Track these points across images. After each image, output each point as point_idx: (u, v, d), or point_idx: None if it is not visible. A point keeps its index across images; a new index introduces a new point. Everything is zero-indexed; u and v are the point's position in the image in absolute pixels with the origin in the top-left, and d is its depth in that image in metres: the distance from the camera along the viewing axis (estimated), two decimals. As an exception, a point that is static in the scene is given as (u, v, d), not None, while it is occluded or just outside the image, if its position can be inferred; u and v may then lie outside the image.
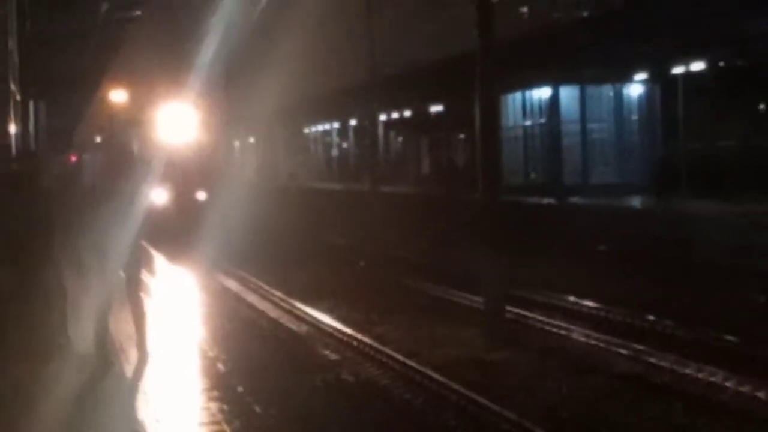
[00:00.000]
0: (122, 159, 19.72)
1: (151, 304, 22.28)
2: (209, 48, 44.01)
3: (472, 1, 26.68)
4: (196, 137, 41.95)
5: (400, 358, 20.41)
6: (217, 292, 29.53)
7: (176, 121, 41.61)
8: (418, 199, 51.71)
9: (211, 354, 20.46)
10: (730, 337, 21.43)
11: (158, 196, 37.63)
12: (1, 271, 16.44)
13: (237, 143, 65.72)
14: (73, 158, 33.28)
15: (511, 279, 26.32)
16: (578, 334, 23.36)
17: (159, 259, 33.94)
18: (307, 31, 50.45)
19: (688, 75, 44.58)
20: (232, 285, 30.70)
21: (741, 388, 17.80)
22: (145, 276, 19.03)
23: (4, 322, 16.16)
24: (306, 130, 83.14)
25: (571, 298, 27.38)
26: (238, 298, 28.73)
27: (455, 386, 18.05)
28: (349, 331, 23.40)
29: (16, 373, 15.18)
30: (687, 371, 19.30)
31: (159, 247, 34.22)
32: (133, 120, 50.74)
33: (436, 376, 18.81)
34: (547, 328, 24.34)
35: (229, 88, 47.28)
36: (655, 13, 38.73)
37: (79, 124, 48.31)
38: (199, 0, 49.87)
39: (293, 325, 25.34)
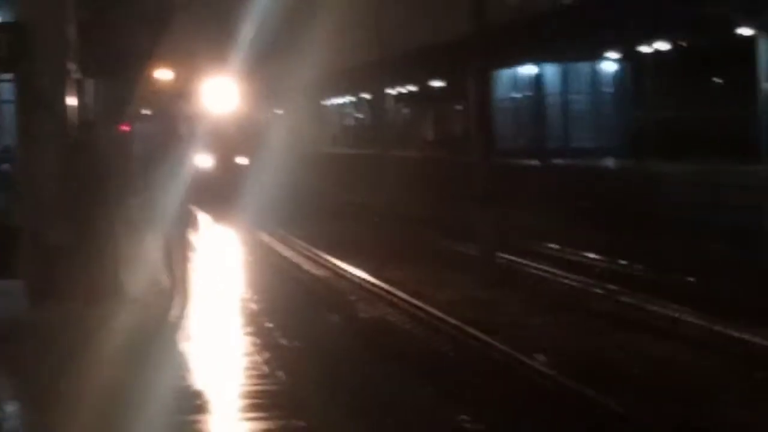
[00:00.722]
0: (168, 129, 19.70)
1: (195, 254, 22.30)
2: (250, 27, 43.29)
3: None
4: (238, 108, 41.41)
5: (406, 297, 20.44)
6: (251, 243, 29.46)
7: (219, 94, 41.12)
8: (423, 162, 51.58)
9: (245, 296, 20.46)
10: (690, 279, 21.42)
11: (204, 161, 37.62)
12: (62, 224, 16.45)
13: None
14: (126, 128, 33.26)
15: (502, 230, 26.28)
16: (560, 276, 23.37)
17: (203, 216, 33.65)
18: (329, 12, 49.94)
19: (655, 54, 44.51)
20: (265, 238, 30.61)
21: (700, 322, 17.79)
22: (190, 233, 18.99)
23: (65, 268, 16.17)
24: (326, 103, 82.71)
25: (554, 246, 27.40)
26: (269, 249, 28.69)
27: (453, 321, 18.09)
28: (363, 275, 23.43)
29: (74, 313, 15.18)
30: (654, 308, 19.30)
31: (203, 206, 33.99)
32: (177, 95, 50.32)
33: (436, 312, 18.85)
34: (533, 271, 24.37)
35: (267, 63, 46.83)
36: (626, 1, 38.59)
37: (132, 98, 48.34)
38: None
39: (317, 270, 25.37)
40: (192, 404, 10.68)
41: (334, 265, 25.52)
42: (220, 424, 10.03)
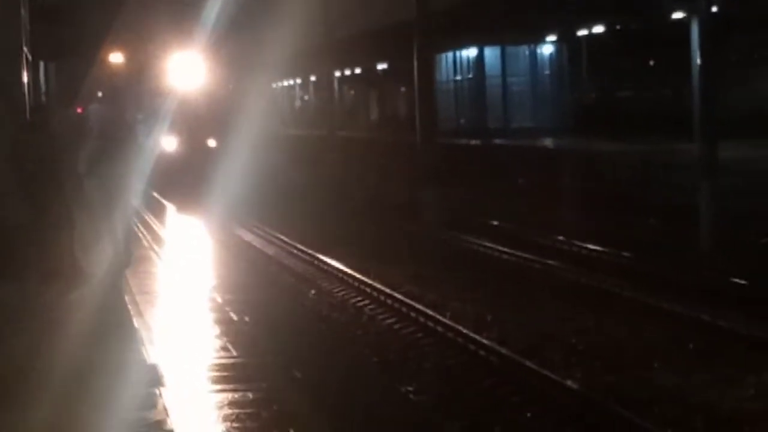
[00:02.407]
0: (117, 113, 19.61)
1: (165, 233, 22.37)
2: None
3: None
4: (205, 86, 39.06)
5: (355, 274, 20.55)
6: (218, 226, 29.18)
7: (184, 71, 38.73)
8: (368, 143, 51.60)
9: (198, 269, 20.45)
10: (625, 253, 21.64)
11: (168, 143, 36.63)
12: (18, 204, 16.43)
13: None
14: (80, 110, 32.54)
15: (445, 207, 26.46)
16: (500, 251, 23.55)
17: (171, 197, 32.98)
18: None
19: (591, 37, 44.75)
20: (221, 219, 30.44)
21: (635, 294, 18.03)
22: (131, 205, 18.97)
23: (21, 248, 16.16)
24: (275, 85, 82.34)
25: (495, 222, 27.55)
26: (231, 229, 28.55)
27: (398, 296, 18.24)
28: (312, 252, 23.56)
29: (32, 289, 15.19)
30: (590, 281, 19.54)
31: (168, 190, 33.26)
32: (130, 77, 49.46)
33: (383, 288, 18.97)
34: (475, 247, 24.54)
35: (237, 39, 45.43)
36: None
37: (85, 81, 47.68)
38: None
39: (269, 249, 25.49)
40: (150, 377, 10.73)
41: (282, 240, 25.71)
42: (180, 395, 10.08)
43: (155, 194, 31.63)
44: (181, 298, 16.45)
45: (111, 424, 8.93)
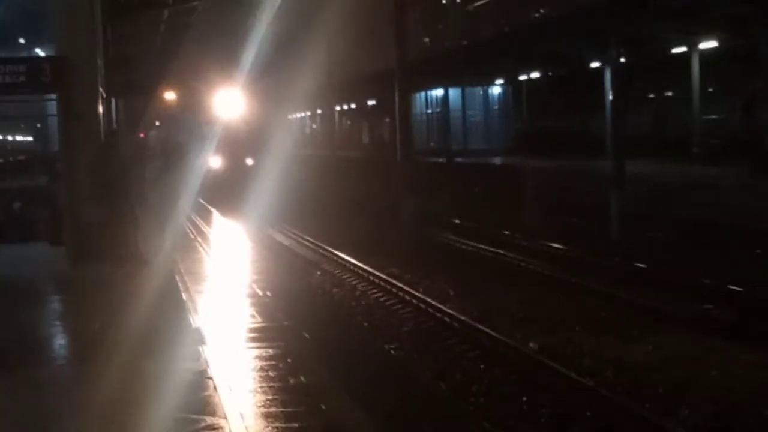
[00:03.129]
0: (171, 137, 19.67)
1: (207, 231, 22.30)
2: (251, 46, 41.11)
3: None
4: (244, 116, 38.07)
5: (350, 259, 20.60)
6: (249, 225, 29.05)
7: (227, 104, 37.85)
8: (360, 161, 51.60)
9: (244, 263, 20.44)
10: (556, 244, 21.70)
11: (215, 162, 36.51)
12: (94, 206, 16.44)
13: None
14: (142, 135, 32.25)
15: (419, 209, 26.49)
16: (461, 243, 23.60)
17: (214, 203, 32.71)
18: (296, 47, 49.22)
19: (529, 80, 44.89)
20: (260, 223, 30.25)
21: (564, 275, 18.08)
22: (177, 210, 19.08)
23: (97, 239, 16.18)
24: (291, 116, 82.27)
25: (457, 221, 27.58)
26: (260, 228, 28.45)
27: (383, 276, 18.31)
28: (317, 243, 23.62)
29: (107, 270, 15.21)
30: (529, 265, 19.59)
31: (214, 199, 33.08)
32: (181, 109, 49.30)
33: (371, 270, 19.01)
34: (441, 240, 24.59)
35: (266, 79, 44.95)
36: (507, 43, 38.89)
37: (145, 113, 47.49)
38: (245, 6, 46.52)
39: (284, 238, 25.44)
40: (194, 337, 10.75)
41: (298, 235, 25.74)
42: (217, 350, 10.10)
43: (203, 202, 31.62)
44: (219, 278, 16.48)
45: (166, 372, 8.97)
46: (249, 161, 36.47)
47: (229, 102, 37.15)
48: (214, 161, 36.05)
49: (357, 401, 8.72)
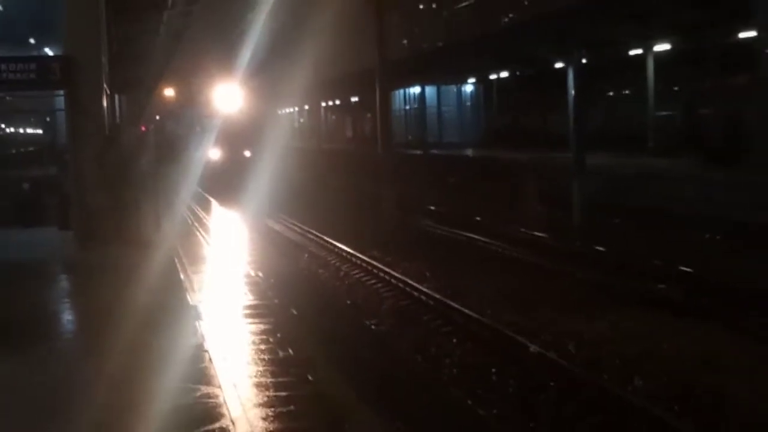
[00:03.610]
0: (170, 130, 19.62)
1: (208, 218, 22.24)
2: (247, 44, 39.14)
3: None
4: (241, 110, 37.30)
5: (335, 242, 20.63)
6: (243, 212, 28.92)
7: (226, 99, 36.97)
8: (344, 153, 51.53)
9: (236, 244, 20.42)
10: (522, 228, 21.79)
11: (214, 153, 35.90)
12: (101, 193, 16.43)
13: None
14: (143, 128, 31.96)
15: (398, 197, 26.50)
16: (436, 227, 23.67)
17: (212, 192, 32.45)
18: (289, 47, 48.69)
19: (498, 80, 44.88)
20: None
21: (530, 257, 18.15)
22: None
23: (104, 224, 16.17)
24: (281, 111, 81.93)
25: (432, 207, 27.66)
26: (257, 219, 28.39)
27: (365, 258, 18.36)
28: (306, 228, 23.63)
29: (113, 252, 15.20)
30: (498, 248, 19.66)
31: (213, 189, 32.68)
32: (180, 104, 48.79)
33: (354, 252, 19.06)
34: (418, 225, 24.67)
35: (262, 76, 44.02)
36: (479, 45, 38.86)
37: (146, 108, 47.11)
38: (239, 7, 45.51)
39: (275, 224, 25.38)
40: (192, 313, 10.77)
41: (289, 223, 25.72)
42: (213, 326, 10.11)
43: (203, 192, 31.48)
44: (215, 261, 16.49)
45: (167, 345, 8.99)
46: (247, 153, 35.83)
47: (227, 97, 36.54)
48: (214, 153, 35.56)
49: (341, 372, 8.76)
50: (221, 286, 13.42)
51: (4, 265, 14.98)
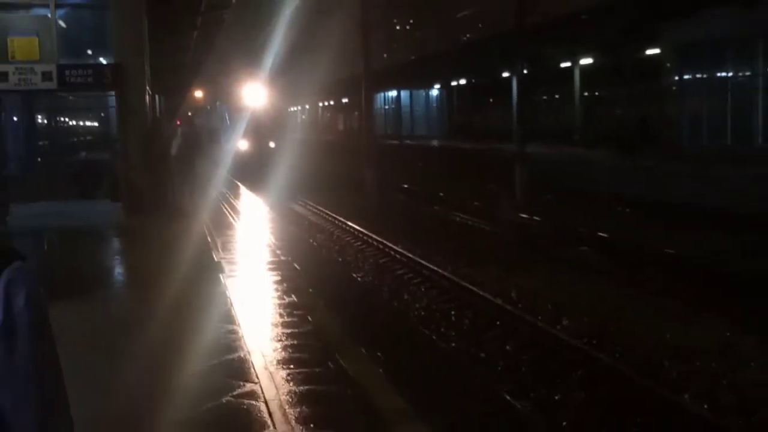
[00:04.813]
0: (200, 124, 19.41)
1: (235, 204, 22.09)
2: (273, 46, 37.25)
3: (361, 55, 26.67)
4: (266, 106, 34.46)
5: (328, 212, 20.62)
6: (269, 196, 28.80)
7: (253, 96, 34.24)
8: (336, 143, 51.38)
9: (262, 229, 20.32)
10: (477, 203, 21.83)
11: (242, 144, 33.71)
12: (143, 173, 16.32)
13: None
14: (178, 123, 31.01)
15: (378, 179, 26.44)
16: (408, 201, 23.68)
17: (242, 181, 31.61)
18: (299, 55, 47.58)
19: (458, 86, 44.79)
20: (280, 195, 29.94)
21: (481, 225, 18.19)
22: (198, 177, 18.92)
23: (145, 197, 16.08)
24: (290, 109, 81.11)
25: (405, 186, 27.65)
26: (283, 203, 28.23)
27: (352, 224, 18.32)
28: (307, 202, 23.53)
29: (152, 221, 15.12)
30: (455, 218, 19.69)
31: (241, 175, 31.66)
32: (207, 104, 47.95)
33: (344, 220, 19.04)
34: (395, 198, 24.66)
35: (281, 77, 42.61)
36: (442, 59, 38.80)
37: (180, 107, 46.62)
38: (264, 17, 43.59)
39: (283, 200, 25.31)
40: (217, 267, 10.74)
41: (292, 198, 25.58)
42: (232, 277, 10.10)
43: (232, 178, 31.11)
44: (235, 228, 16.47)
45: (197, 291, 9.00)
46: (271, 144, 34.10)
47: (254, 95, 34.84)
48: (242, 144, 34.03)
49: (334, 313, 8.80)
50: (239, 247, 13.42)
51: (69, 229, 14.94)
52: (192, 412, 5.28)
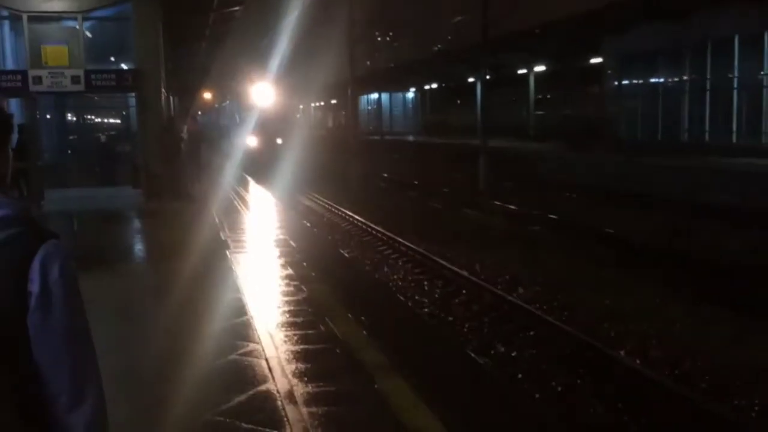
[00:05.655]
0: (211, 122, 19.17)
1: (244, 194, 21.90)
2: (278, 49, 35.23)
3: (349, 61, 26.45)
4: (274, 104, 32.13)
5: (321, 198, 20.51)
6: (275, 188, 28.51)
7: (262, 95, 31.82)
8: (326, 138, 51.12)
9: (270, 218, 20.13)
10: (445, 189, 21.79)
11: (251, 141, 31.70)
12: (160, 163, 16.19)
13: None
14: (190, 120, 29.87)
15: (361, 169, 26.37)
16: (388, 186, 23.59)
17: (252, 175, 31.01)
18: (300, 59, 46.58)
19: (431, 89, 44.72)
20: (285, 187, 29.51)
21: (450, 210, 18.15)
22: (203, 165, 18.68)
23: (161, 184, 15.97)
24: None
25: (385, 174, 27.56)
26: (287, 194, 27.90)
27: (342, 209, 18.25)
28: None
29: (166, 205, 15.02)
30: (426, 201, 19.67)
31: (251, 170, 30.96)
32: (215, 103, 47.22)
33: (336, 206, 18.96)
34: (374, 186, 24.55)
35: (286, 78, 41.44)
36: (416, 66, 38.65)
37: (192, 106, 45.90)
38: (270, 20, 41.24)
39: (278, 187, 25.16)
40: (223, 244, 10.67)
41: (286, 186, 25.35)
42: (236, 253, 10.04)
43: (243, 173, 30.51)
44: (238, 209, 16.39)
45: (207, 265, 8.94)
46: (279, 140, 31.94)
47: (263, 93, 33.31)
48: (251, 140, 32.75)
49: (324, 284, 8.79)
50: (242, 227, 13.34)
51: (95, 212, 14.78)
52: (206, 368, 5.28)
